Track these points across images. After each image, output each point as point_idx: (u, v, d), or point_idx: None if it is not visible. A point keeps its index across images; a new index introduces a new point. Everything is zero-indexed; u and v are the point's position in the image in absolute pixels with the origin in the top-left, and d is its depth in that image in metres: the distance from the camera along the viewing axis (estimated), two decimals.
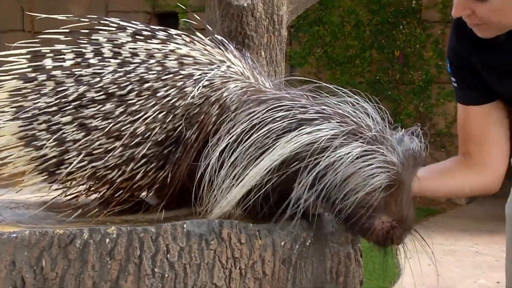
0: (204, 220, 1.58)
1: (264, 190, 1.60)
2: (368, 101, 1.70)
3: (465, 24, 1.89)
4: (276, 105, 1.67)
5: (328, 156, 1.58)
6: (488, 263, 6.04)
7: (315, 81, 1.78)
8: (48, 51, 1.77)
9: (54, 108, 1.71)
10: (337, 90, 1.72)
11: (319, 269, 1.72)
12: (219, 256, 1.56)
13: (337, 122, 1.63)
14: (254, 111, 1.66)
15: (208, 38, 1.87)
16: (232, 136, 1.64)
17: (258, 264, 1.61)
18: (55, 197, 1.79)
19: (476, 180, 2.06)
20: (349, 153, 1.58)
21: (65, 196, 1.80)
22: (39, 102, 1.72)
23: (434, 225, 7.14)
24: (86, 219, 1.71)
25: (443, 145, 8.46)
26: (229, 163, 1.62)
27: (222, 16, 3.41)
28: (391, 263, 5.56)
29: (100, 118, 1.69)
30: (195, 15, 2.03)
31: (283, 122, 1.63)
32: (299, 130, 1.61)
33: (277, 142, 1.61)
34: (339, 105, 1.69)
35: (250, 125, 1.64)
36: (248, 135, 1.63)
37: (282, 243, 1.64)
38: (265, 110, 1.66)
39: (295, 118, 1.63)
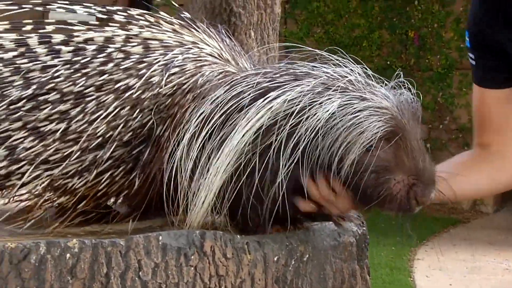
0: (183, 231, 1.59)
1: (242, 181, 1.60)
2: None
3: None
4: (237, 80, 1.67)
5: (302, 120, 1.55)
6: None
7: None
8: None
9: (1, 113, 1.71)
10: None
11: None
12: (201, 274, 1.57)
13: (307, 81, 1.61)
14: (215, 95, 1.66)
15: (174, 16, 1.87)
16: (191, 126, 1.65)
17: (247, 283, 1.62)
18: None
19: (497, 176, 2.07)
20: (325, 109, 1.56)
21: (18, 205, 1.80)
22: None
23: (456, 238, 7.16)
24: (43, 231, 1.72)
25: (467, 143, 8.48)
26: (194, 156, 1.62)
27: None
28: (404, 282, 5.59)
29: (55, 120, 1.70)
30: None
31: (246, 96, 1.62)
32: (264, 100, 1.59)
33: (247, 112, 1.60)
34: (315, 66, 1.68)
35: (209, 110, 1.64)
36: (208, 121, 1.63)
37: (275, 258, 1.65)
38: (226, 90, 1.65)
39: (259, 88, 1.62)
